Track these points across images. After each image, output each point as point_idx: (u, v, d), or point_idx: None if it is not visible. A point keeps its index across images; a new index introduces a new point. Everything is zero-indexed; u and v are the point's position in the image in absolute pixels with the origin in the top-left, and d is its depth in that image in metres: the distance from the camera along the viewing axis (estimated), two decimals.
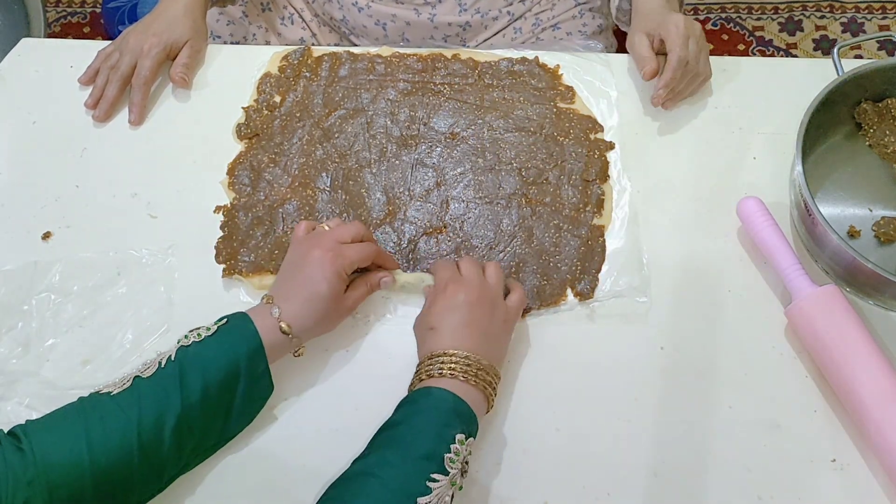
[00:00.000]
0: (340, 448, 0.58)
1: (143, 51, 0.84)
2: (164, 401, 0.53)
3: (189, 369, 0.55)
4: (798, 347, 0.66)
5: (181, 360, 0.56)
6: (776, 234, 0.68)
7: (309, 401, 0.65)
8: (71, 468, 0.50)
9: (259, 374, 0.58)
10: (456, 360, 0.57)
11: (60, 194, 0.78)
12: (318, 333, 0.63)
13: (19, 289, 0.71)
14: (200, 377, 0.55)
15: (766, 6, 1.86)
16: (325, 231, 0.65)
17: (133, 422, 0.52)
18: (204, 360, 0.56)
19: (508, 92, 0.83)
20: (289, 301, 0.60)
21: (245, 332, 0.58)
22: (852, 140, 0.77)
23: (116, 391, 0.54)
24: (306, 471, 0.61)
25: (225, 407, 0.57)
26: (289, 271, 0.63)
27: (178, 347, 0.57)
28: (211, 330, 0.58)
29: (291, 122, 0.82)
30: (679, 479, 0.60)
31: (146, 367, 0.56)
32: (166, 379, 0.54)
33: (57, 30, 1.92)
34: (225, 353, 0.57)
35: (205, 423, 0.56)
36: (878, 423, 0.58)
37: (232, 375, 0.57)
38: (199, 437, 0.56)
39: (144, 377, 0.55)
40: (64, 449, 0.50)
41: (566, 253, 0.71)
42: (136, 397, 0.53)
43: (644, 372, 0.65)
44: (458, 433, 0.53)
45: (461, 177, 0.77)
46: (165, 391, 0.54)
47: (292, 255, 0.64)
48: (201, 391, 0.55)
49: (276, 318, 0.59)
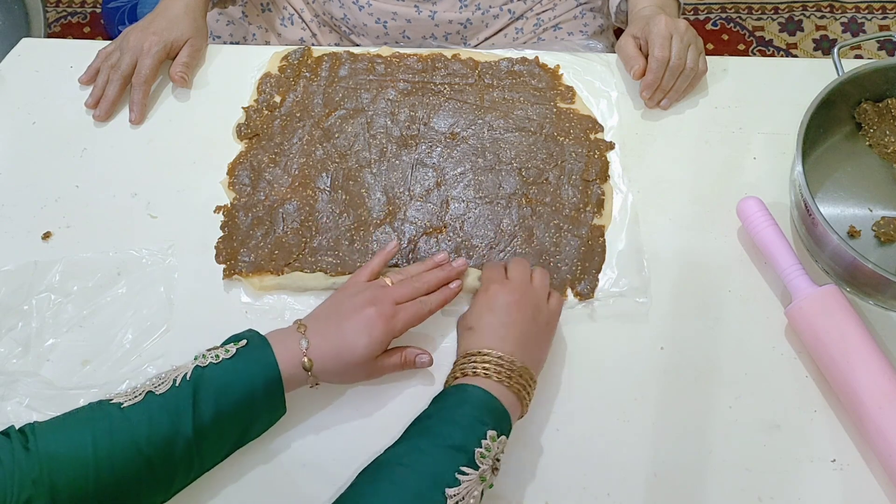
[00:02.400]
0: (350, 449, 0.59)
1: (144, 49, 0.84)
2: (175, 421, 0.53)
3: (203, 392, 0.54)
4: (798, 347, 0.66)
5: (196, 381, 0.54)
6: (776, 234, 0.68)
7: (306, 400, 0.65)
8: (75, 473, 0.50)
9: (274, 404, 0.58)
10: (489, 359, 0.57)
11: (60, 194, 0.78)
12: (337, 382, 0.62)
13: (19, 289, 0.71)
14: (214, 402, 0.54)
15: (767, 6, 1.86)
16: (387, 288, 0.62)
17: (142, 438, 0.52)
18: (219, 384, 0.55)
19: (508, 92, 0.83)
20: (321, 340, 0.58)
21: (264, 362, 0.56)
22: (852, 140, 0.77)
23: (127, 403, 0.53)
24: (313, 470, 0.61)
25: (237, 432, 0.57)
26: (333, 311, 0.61)
27: (193, 366, 0.55)
28: (230, 353, 0.56)
29: (291, 122, 0.82)
30: (679, 480, 0.60)
31: (160, 381, 0.55)
32: (180, 399, 0.53)
33: (57, 30, 1.92)
34: (241, 380, 0.55)
35: (214, 445, 0.56)
36: (878, 423, 0.58)
37: (246, 404, 0.56)
38: (208, 455, 0.56)
39: (157, 394, 0.54)
40: (70, 453, 0.50)
41: (566, 253, 0.71)
42: (147, 414, 0.53)
43: (644, 372, 0.65)
44: (489, 429, 0.53)
45: (461, 177, 0.77)
46: (177, 411, 0.53)
47: (344, 297, 0.62)
48: (213, 415, 0.54)
49: (303, 350, 0.58)
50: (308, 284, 0.70)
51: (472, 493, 0.51)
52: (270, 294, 0.71)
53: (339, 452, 0.61)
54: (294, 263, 0.71)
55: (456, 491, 0.50)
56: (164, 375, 0.55)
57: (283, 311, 0.69)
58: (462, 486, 0.50)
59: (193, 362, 0.56)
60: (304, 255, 0.72)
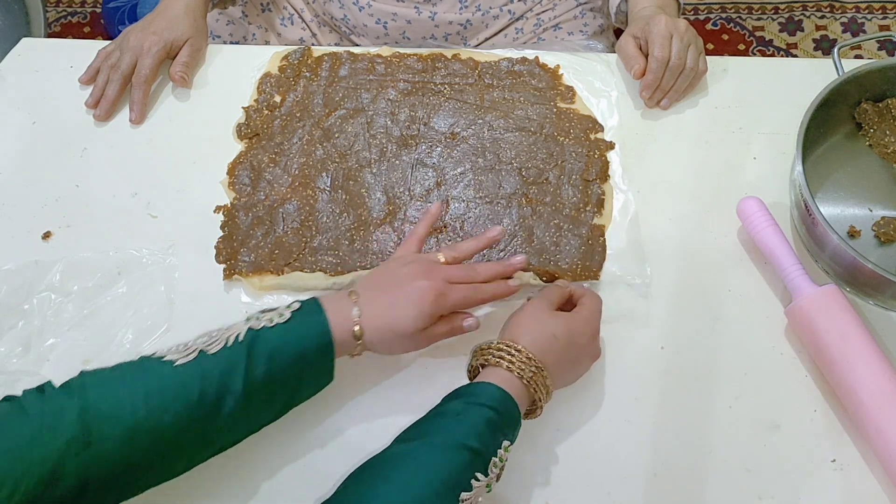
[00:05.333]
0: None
1: (144, 49, 0.84)
2: (227, 381, 0.52)
3: (257, 354, 0.54)
4: (798, 347, 0.66)
5: (249, 342, 0.54)
6: (776, 234, 0.68)
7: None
8: (123, 424, 0.49)
9: (323, 370, 0.57)
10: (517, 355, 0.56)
11: (60, 194, 0.78)
12: (383, 352, 0.62)
13: (20, 288, 0.71)
14: (266, 364, 0.54)
15: (767, 6, 1.86)
16: (440, 265, 0.62)
17: (193, 396, 0.51)
18: (273, 347, 0.54)
19: (509, 92, 0.83)
20: (372, 309, 0.58)
21: (318, 326, 0.56)
22: (852, 140, 0.77)
23: (180, 361, 0.52)
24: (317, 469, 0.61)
25: (285, 395, 0.57)
26: (385, 279, 0.60)
27: (247, 328, 0.55)
28: (284, 317, 0.56)
29: (291, 121, 0.82)
30: (679, 479, 0.60)
31: (211, 340, 0.54)
32: (233, 359, 0.53)
33: (57, 30, 1.92)
34: (294, 343, 0.55)
35: (261, 407, 0.55)
36: (878, 423, 0.58)
37: (297, 367, 0.55)
38: (254, 418, 0.56)
39: (210, 353, 0.53)
40: (117, 412, 0.49)
41: (566, 252, 0.71)
42: (200, 372, 0.52)
43: (644, 372, 0.65)
44: (505, 440, 0.53)
45: (461, 177, 0.77)
46: (229, 371, 0.52)
47: (397, 270, 0.61)
48: (264, 378, 0.54)
49: (355, 319, 0.57)
50: (308, 284, 0.70)
51: (478, 498, 0.51)
52: (270, 294, 0.71)
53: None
54: (294, 263, 0.71)
55: (468, 496, 0.49)
56: (215, 334, 0.55)
57: None
58: (473, 493, 0.50)
59: (245, 323, 0.55)
60: (304, 255, 0.72)
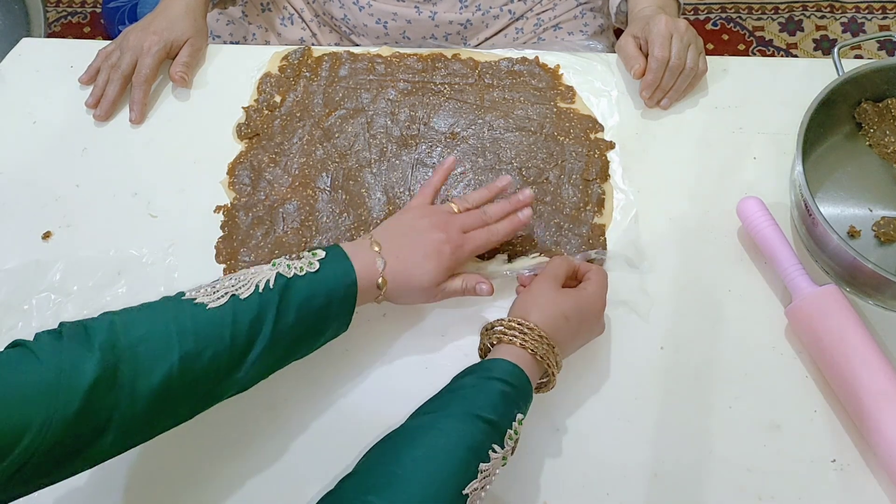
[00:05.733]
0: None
1: (144, 49, 0.84)
2: (258, 326, 0.53)
3: (287, 302, 0.55)
4: (798, 347, 0.66)
5: (281, 290, 0.55)
6: (776, 234, 0.68)
7: (307, 400, 0.65)
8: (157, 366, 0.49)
9: (345, 316, 0.59)
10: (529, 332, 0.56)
11: (60, 194, 0.78)
12: (402, 303, 0.64)
13: (20, 288, 0.71)
14: (295, 311, 0.55)
15: (767, 6, 1.86)
16: (454, 215, 0.64)
17: (225, 340, 0.52)
18: (303, 296, 0.55)
19: (509, 92, 0.83)
20: (394, 261, 0.60)
21: (345, 274, 0.57)
22: (852, 140, 0.77)
23: (212, 304, 0.53)
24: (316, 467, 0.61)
25: (308, 341, 0.58)
26: (403, 233, 0.62)
27: (276, 273, 0.56)
28: (314, 266, 0.57)
29: (291, 121, 0.82)
30: (679, 479, 0.60)
31: (240, 285, 0.54)
32: (264, 306, 0.54)
33: (57, 30, 1.92)
34: (323, 291, 0.56)
35: (284, 353, 0.57)
36: (878, 423, 0.58)
37: (323, 315, 0.57)
38: (277, 360, 0.57)
39: (241, 298, 0.54)
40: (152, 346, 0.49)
41: (567, 252, 0.71)
42: (231, 316, 0.52)
43: (644, 372, 0.65)
44: (518, 413, 0.54)
45: (461, 176, 0.77)
46: (260, 317, 0.53)
47: (413, 219, 0.63)
48: (293, 323, 0.55)
49: (380, 270, 0.59)
50: None
51: (495, 470, 0.51)
52: None
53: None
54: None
55: (487, 467, 0.50)
56: (243, 278, 0.55)
57: None
58: (491, 464, 0.50)
59: (273, 269, 0.56)
60: None
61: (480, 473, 0.49)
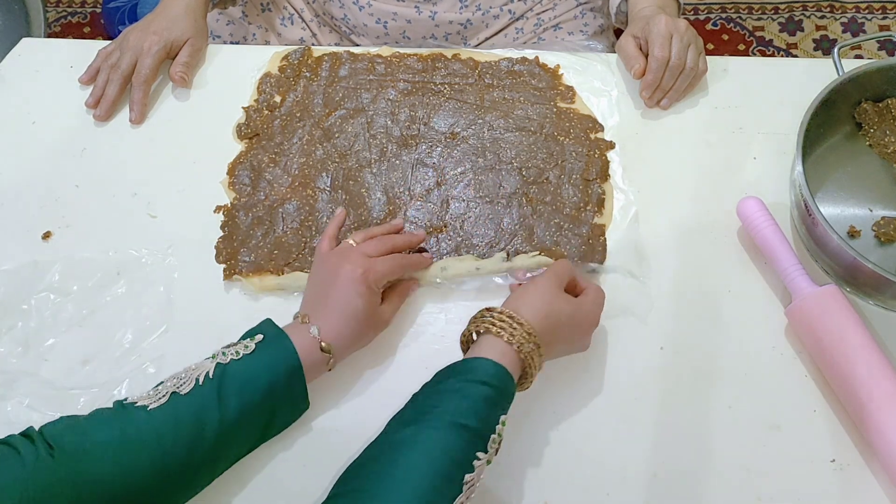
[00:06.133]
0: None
1: (144, 49, 0.84)
2: (202, 419, 0.53)
3: (228, 388, 0.55)
4: (798, 347, 0.66)
5: (220, 378, 0.55)
6: (776, 234, 0.68)
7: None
8: (102, 476, 0.49)
9: (297, 395, 0.58)
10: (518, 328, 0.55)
11: (60, 194, 0.78)
12: (355, 349, 0.63)
13: (19, 288, 0.71)
14: (238, 397, 0.55)
15: (767, 6, 1.86)
16: (352, 246, 0.64)
17: (168, 439, 0.52)
18: (243, 379, 0.55)
19: (509, 92, 0.83)
20: (326, 319, 0.60)
21: (284, 352, 0.57)
22: (852, 140, 0.77)
23: (153, 406, 0.53)
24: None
25: (262, 425, 0.57)
26: (320, 288, 0.62)
27: (214, 364, 0.56)
28: (249, 348, 0.57)
29: (291, 121, 0.82)
30: (679, 480, 0.60)
31: (182, 381, 0.55)
32: (205, 397, 0.54)
33: (57, 30, 1.92)
34: (265, 372, 0.56)
35: (240, 440, 0.57)
36: (878, 423, 0.58)
37: (270, 396, 0.56)
38: (233, 450, 0.57)
39: (182, 394, 0.54)
40: (97, 458, 0.50)
41: (567, 252, 0.71)
42: (174, 415, 0.53)
43: (644, 372, 0.65)
44: (502, 414, 0.53)
45: (461, 176, 0.77)
46: (203, 409, 0.53)
47: (320, 272, 0.64)
48: (238, 411, 0.55)
49: (316, 337, 0.59)
50: None
51: (480, 475, 0.51)
52: (270, 294, 0.71)
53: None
54: (294, 263, 0.71)
55: (471, 477, 0.49)
56: (185, 375, 0.55)
57: (283, 311, 0.69)
58: (475, 472, 0.50)
59: (212, 360, 0.56)
60: (304, 255, 0.72)
61: (465, 486, 0.49)
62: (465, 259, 0.70)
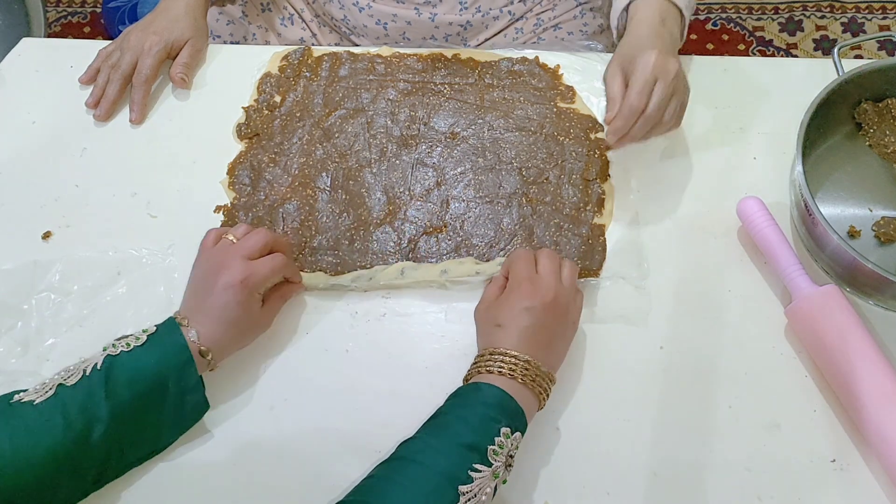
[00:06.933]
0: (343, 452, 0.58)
1: (144, 49, 0.84)
2: (90, 410, 0.53)
3: (116, 378, 0.55)
4: (798, 347, 0.66)
5: (107, 369, 0.55)
6: (776, 234, 0.68)
7: (307, 400, 0.65)
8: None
9: (190, 387, 0.58)
10: (516, 362, 0.56)
11: (60, 194, 0.78)
12: (234, 351, 0.63)
13: (19, 288, 0.71)
14: (128, 386, 0.55)
15: (767, 6, 1.86)
16: (232, 246, 0.63)
17: (58, 431, 0.52)
18: (131, 370, 0.55)
19: (509, 92, 0.83)
20: (203, 324, 0.59)
21: (175, 345, 0.57)
22: (852, 140, 0.77)
23: (39, 400, 0.53)
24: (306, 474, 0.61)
25: (155, 418, 0.57)
26: (201, 289, 0.62)
27: (104, 356, 0.56)
28: (140, 340, 0.57)
29: (291, 121, 0.82)
30: (679, 479, 0.60)
31: (69, 374, 0.55)
32: (92, 388, 0.54)
33: (57, 30, 1.92)
34: (154, 363, 0.56)
35: (135, 434, 0.56)
36: (878, 423, 0.58)
37: (161, 386, 0.56)
38: (130, 446, 0.57)
39: (68, 385, 0.54)
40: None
41: (567, 252, 0.71)
42: (60, 406, 0.52)
43: (644, 372, 0.65)
44: (503, 427, 0.53)
45: (461, 176, 0.77)
46: (91, 400, 0.53)
47: (202, 268, 0.63)
48: (129, 401, 0.54)
49: (195, 341, 0.58)
50: (308, 284, 0.70)
51: (485, 489, 0.51)
52: None
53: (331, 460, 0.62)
54: (294, 263, 0.71)
55: (469, 488, 0.50)
56: (73, 367, 0.56)
57: (283, 311, 0.69)
58: (475, 483, 0.50)
59: (103, 352, 0.57)
60: (304, 255, 0.72)
61: (463, 496, 0.50)
62: (465, 262, 0.70)
